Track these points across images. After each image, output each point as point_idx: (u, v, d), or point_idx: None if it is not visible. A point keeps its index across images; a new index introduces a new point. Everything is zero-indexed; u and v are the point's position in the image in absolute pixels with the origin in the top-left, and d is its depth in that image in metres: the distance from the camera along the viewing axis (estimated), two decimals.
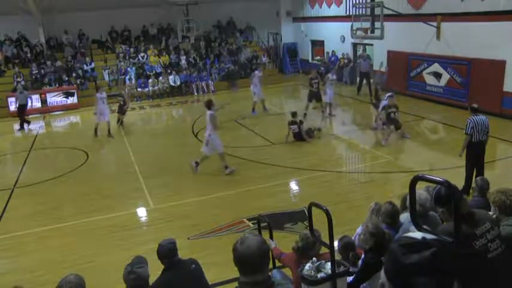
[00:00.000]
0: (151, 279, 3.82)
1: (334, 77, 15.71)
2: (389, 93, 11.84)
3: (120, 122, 15.04)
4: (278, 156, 11.01)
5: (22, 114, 16.07)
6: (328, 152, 11.69)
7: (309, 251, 3.98)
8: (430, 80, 15.49)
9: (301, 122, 12.04)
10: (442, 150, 10.69)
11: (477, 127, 7.56)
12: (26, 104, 16.28)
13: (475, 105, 7.84)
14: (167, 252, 3.96)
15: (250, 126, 13.98)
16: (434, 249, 1.24)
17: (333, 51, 21.40)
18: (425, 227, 2.00)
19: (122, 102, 14.96)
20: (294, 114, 11.98)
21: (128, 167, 10.89)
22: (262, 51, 23.69)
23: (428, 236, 1.30)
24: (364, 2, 17.98)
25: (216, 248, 6.52)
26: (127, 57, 21.12)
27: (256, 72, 16.21)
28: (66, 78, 19.44)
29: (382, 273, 1.33)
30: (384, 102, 11.87)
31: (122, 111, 14.99)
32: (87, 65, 20.48)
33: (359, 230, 4.94)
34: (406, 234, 1.34)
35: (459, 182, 7.39)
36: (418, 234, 1.31)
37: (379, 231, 3.81)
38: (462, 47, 13.83)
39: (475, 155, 7.71)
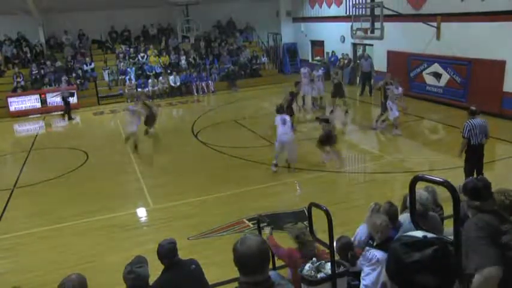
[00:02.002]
0: (151, 279, 3.82)
1: (320, 73, 16.06)
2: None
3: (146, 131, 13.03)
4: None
5: (68, 106, 16.88)
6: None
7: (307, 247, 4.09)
8: (430, 80, 15.49)
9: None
10: (442, 150, 10.68)
11: (475, 130, 7.45)
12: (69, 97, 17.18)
13: (474, 108, 7.73)
14: (167, 252, 3.96)
15: (250, 127, 13.98)
16: (436, 247, 1.25)
17: (332, 51, 21.40)
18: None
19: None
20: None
21: (127, 167, 10.89)
22: (262, 52, 23.70)
23: (429, 235, 1.30)
24: (364, 2, 17.99)
25: (216, 248, 6.51)
26: (127, 58, 21.13)
27: (301, 69, 16.65)
28: (66, 79, 19.43)
29: (383, 272, 1.33)
30: (398, 90, 11.94)
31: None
32: (87, 65, 20.49)
33: (359, 230, 4.95)
34: (407, 233, 1.35)
35: (459, 182, 7.37)
36: (419, 233, 1.32)
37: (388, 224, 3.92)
38: (462, 47, 13.83)
39: (475, 158, 7.62)
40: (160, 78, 20.25)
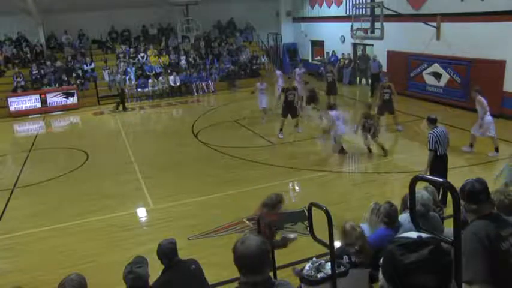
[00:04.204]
0: (152, 279, 3.82)
1: (302, 70, 16.84)
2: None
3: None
4: (278, 156, 11.01)
5: (123, 96, 18.03)
6: (328, 152, 11.67)
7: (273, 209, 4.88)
8: (430, 80, 15.50)
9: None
10: None
11: (440, 140, 7.21)
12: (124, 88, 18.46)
13: (434, 116, 7.46)
14: (167, 252, 3.96)
15: (250, 127, 13.98)
16: (432, 247, 1.25)
17: (333, 51, 21.41)
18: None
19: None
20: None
21: (128, 167, 10.89)
22: (262, 52, 23.69)
23: (423, 235, 1.31)
24: (364, 2, 18.00)
25: (216, 248, 6.51)
26: (127, 58, 21.13)
27: (296, 69, 16.79)
28: (66, 79, 19.44)
29: (380, 275, 1.33)
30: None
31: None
32: (87, 65, 20.50)
33: None
34: (401, 235, 1.35)
35: (458, 183, 7.35)
36: (413, 234, 1.32)
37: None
38: (462, 47, 13.83)
39: (443, 169, 7.27)
40: (160, 78, 20.25)
